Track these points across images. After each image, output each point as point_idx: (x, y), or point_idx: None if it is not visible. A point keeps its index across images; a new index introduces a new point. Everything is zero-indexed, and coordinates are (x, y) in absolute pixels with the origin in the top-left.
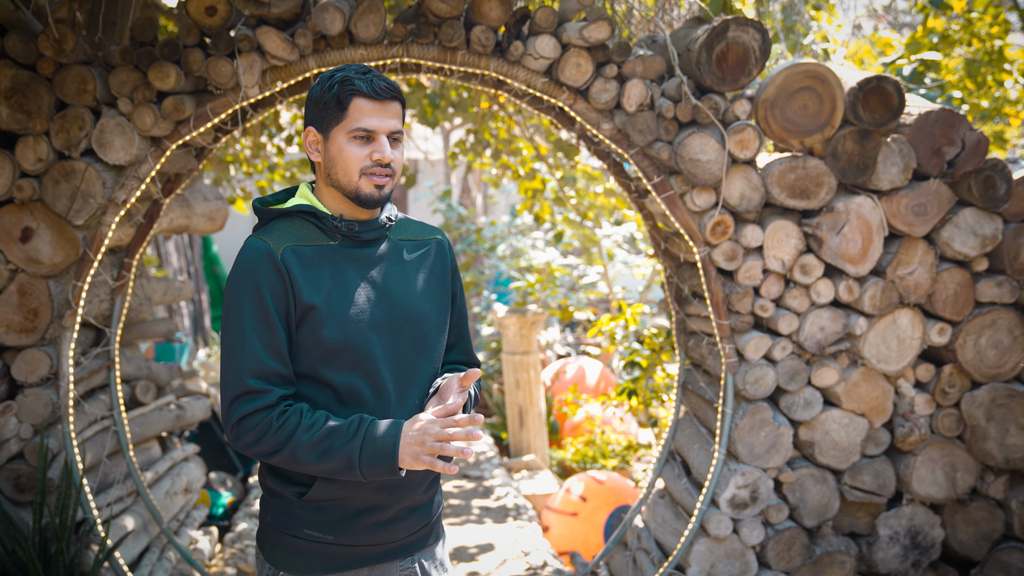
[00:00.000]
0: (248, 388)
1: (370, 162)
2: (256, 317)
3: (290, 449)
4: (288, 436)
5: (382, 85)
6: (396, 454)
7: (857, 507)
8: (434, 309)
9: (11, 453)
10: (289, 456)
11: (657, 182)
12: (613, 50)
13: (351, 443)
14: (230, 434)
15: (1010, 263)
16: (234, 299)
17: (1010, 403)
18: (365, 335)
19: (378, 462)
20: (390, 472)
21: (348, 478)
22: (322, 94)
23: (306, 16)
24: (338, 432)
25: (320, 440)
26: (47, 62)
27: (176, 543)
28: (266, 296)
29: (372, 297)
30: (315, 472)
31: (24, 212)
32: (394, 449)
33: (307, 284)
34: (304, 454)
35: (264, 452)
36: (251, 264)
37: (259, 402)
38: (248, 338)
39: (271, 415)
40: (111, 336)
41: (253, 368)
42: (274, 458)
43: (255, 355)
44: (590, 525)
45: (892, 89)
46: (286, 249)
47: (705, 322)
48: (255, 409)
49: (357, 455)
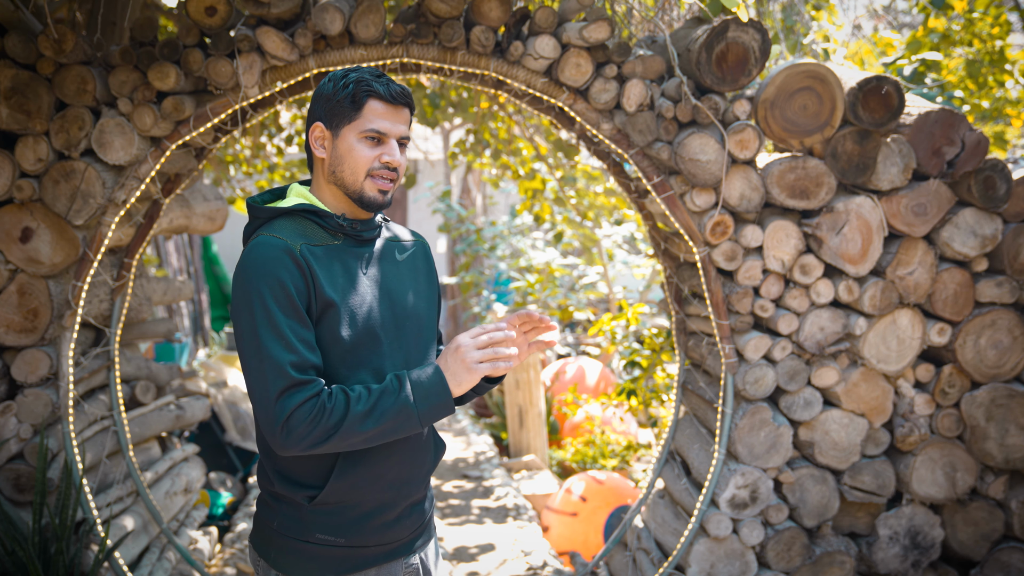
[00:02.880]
0: (294, 380)
1: (379, 164)
2: (286, 312)
3: (347, 425)
4: (343, 415)
5: (397, 90)
6: (446, 387)
7: (857, 507)
8: (428, 307)
9: (11, 453)
10: (346, 432)
11: (657, 182)
12: (613, 50)
13: (402, 395)
14: (278, 434)
15: (1010, 263)
16: (257, 297)
17: (1010, 403)
18: (375, 333)
19: (432, 400)
20: (446, 407)
21: (406, 432)
22: (335, 91)
23: (306, 16)
24: (385, 392)
25: (373, 406)
26: (47, 62)
27: (176, 543)
28: (291, 290)
29: (377, 296)
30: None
31: (24, 212)
32: (443, 383)
33: (326, 279)
34: (361, 424)
35: (318, 440)
36: (270, 260)
37: (307, 391)
38: (283, 333)
39: (321, 400)
40: (111, 336)
41: (294, 361)
42: (328, 441)
43: (294, 348)
44: (590, 525)
45: (892, 89)
46: (302, 246)
47: (705, 322)
48: (305, 399)
49: (412, 402)
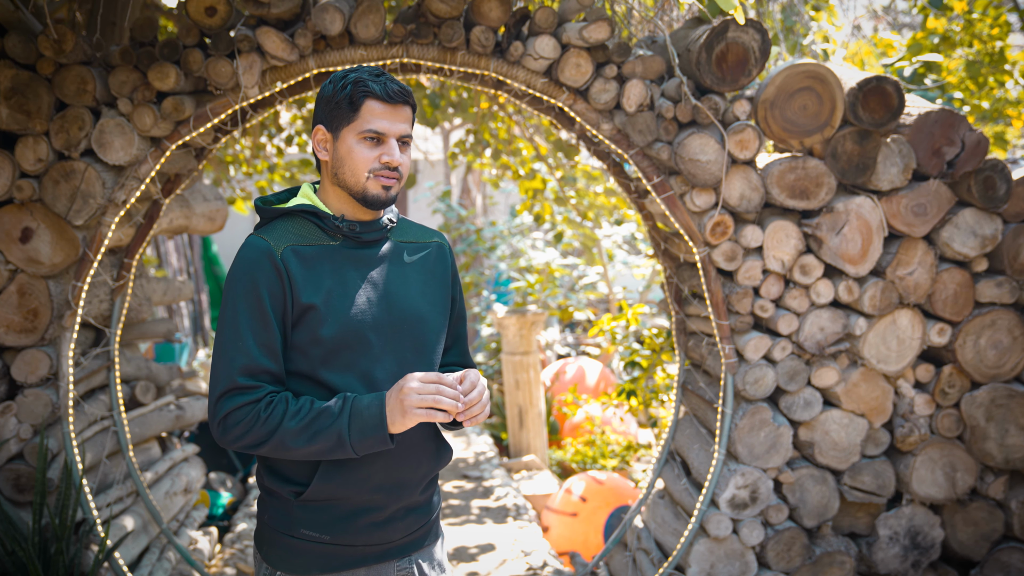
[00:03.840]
0: (236, 385)
1: (378, 164)
2: (251, 314)
3: (279, 437)
4: (276, 425)
5: (395, 88)
6: (384, 423)
7: (857, 507)
8: (434, 311)
9: (11, 453)
10: (278, 444)
11: (657, 182)
12: (613, 50)
13: (338, 421)
14: (216, 429)
15: (1010, 263)
16: (231, 296)
17: (1010, 403)
18: (364, 336)
19: (367, 433)
20: (381, 442)
21: (340, 456)
22: (334, 93)
23: (306, 16)
24: (325, 413)
25: (308, 424)
26: (47, 62)
27: (176, 543)
28: (263, 294)
29: (372, 298)
30: (306, 456)
31: (24, 212)
32: (381, 418)
33: (306, 284)
34: (292, 440)
35: (252, 444)
36: (249, 262)
37: (247, 397)
38: (242, 335)
39: (258, 408)
40: (111, 336)
41: (245, 364)
42: (262, 448)
43: (248, 352)
44: (590, 525)
45: (892, 89)
46: (286, 248)
47: (705, 322)
48: (242, 404)
49: (346, 431)
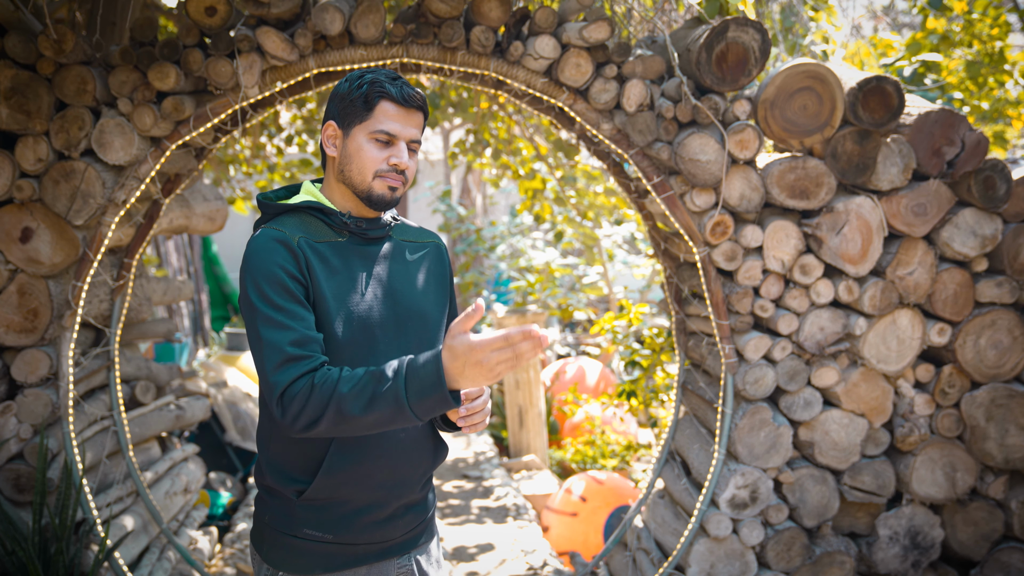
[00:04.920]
0: (289, 355)
1: (386, 166)
2: (281, 296)
3: (335, 405)
4: (330, 392)
5: (411, 93)
6: (442, 379)
7: (857, 507)
8: (435, 309)
9: (11, 453)
10: (336, 413)
11: (657, 182)
12: (613, 50)
13: (394, 382)
14: (278, 411)
15: (1010, 263)
16: (254, 283)
17: (1010, 403)
18: (372, 332)
19: (426, 393)
20: (442, 401)
21: (401, 422)
22: (349, 91)
23: (306, 16)
24: (380, 376)
25: (362, 388)
26: (47, 62)
27: (176, 543)
28: (285, 276)
29: (379, 294)
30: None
31: (24, 212)
32: (439, 375)
33: (321, 274)
34: (350, 406)
35: (313, 418)
36: (268, 250)
37: (302, 367)
38: (278, 315)
39: (312, 377)
40: (111, 336)
41: (293, 338)
42: (322, 423)
43: (293, 327)
44: (590, 525)
45: (892, 89)
46: (301, 239)
47: (705, 322)
48: (298, 375)
49: (403, 392)
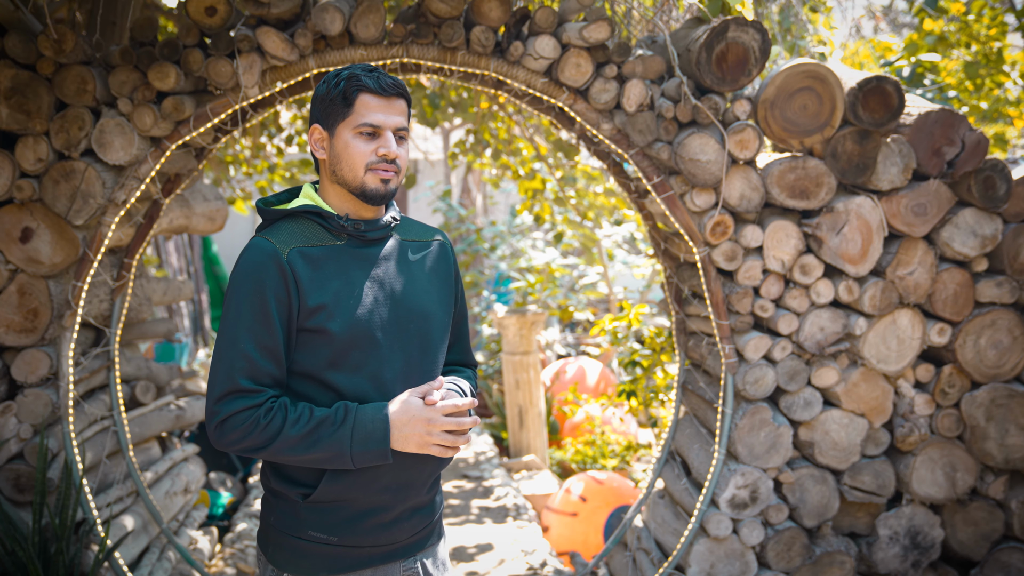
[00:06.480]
0: (238, 387)
1: (375, 157)
2: (255, 317)
3: (278, 444)
4: (276, 432)
5: (388, 82)
6: (387, 437)
7: (857, 507)
8: (439, 309)
9: (11, 453)
10: (276, 450)
11: (657, 182)
12: (613, 50)
13: (340, 431)
14: (213, 431)
15: (1010, 263)
16: (235, 297)
17: (1010, 403)
18: (372, 335)
19: (370, 447)
20: (382, 456)
21: (337, 466)
22: (328, 91)
23: (306, 16)
24: (326, 422)
25: (309, 432)
26: (47, 62)
27: (176, 543)
28: (268, 297)
29: (379, 297)
30: (301, 463)
31: (24, 212)
32: (385, 432)
33: (313, 286)
34: (292, 448)
35: (248, 449)
36: (255, 264)
37: (249, 401)
38: (244, 337)
39: (258, 413)
40: (111, 336)
41: (245, 368)
42: (258, 453)
43: (249, 355)
44: (590, 525)
45: (892, 89)
46: (292, 250)
47: (705, 322)
48: (243, 408)
49: (348, 442)
